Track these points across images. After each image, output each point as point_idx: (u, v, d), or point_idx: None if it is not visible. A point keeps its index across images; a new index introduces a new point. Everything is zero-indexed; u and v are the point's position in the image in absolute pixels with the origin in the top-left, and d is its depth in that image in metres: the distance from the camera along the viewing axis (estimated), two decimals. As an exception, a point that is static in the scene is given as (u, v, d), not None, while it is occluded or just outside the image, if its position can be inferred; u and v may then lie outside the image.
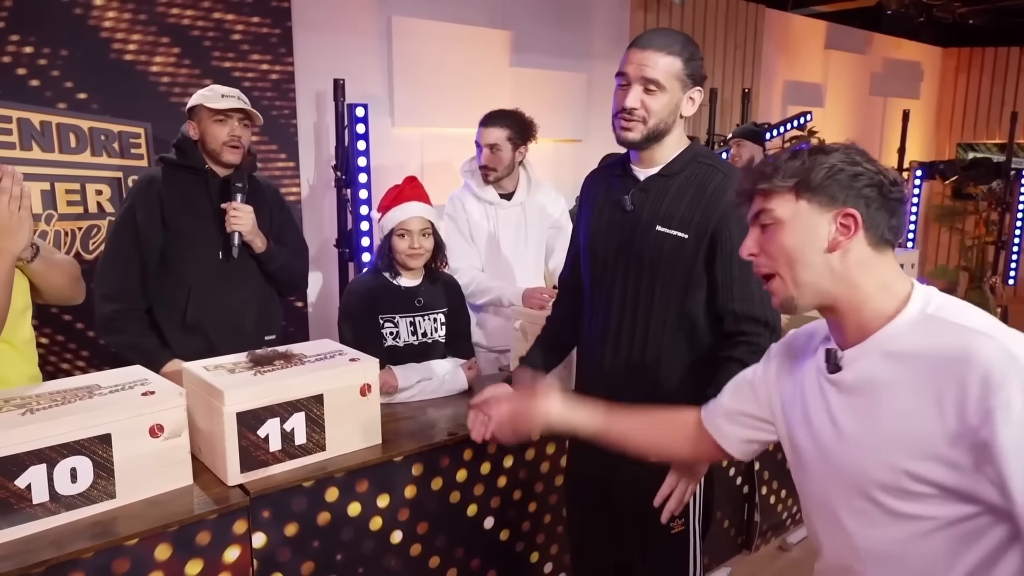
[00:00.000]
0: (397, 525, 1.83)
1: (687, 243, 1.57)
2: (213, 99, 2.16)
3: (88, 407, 1.46)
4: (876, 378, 1.02)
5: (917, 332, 1.00)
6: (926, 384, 0.96)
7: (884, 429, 1.00)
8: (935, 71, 8.14)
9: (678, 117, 1.60)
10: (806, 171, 1.05)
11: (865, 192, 1.03)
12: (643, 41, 1.57)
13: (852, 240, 1.03)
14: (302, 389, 1.69)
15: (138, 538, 1.43)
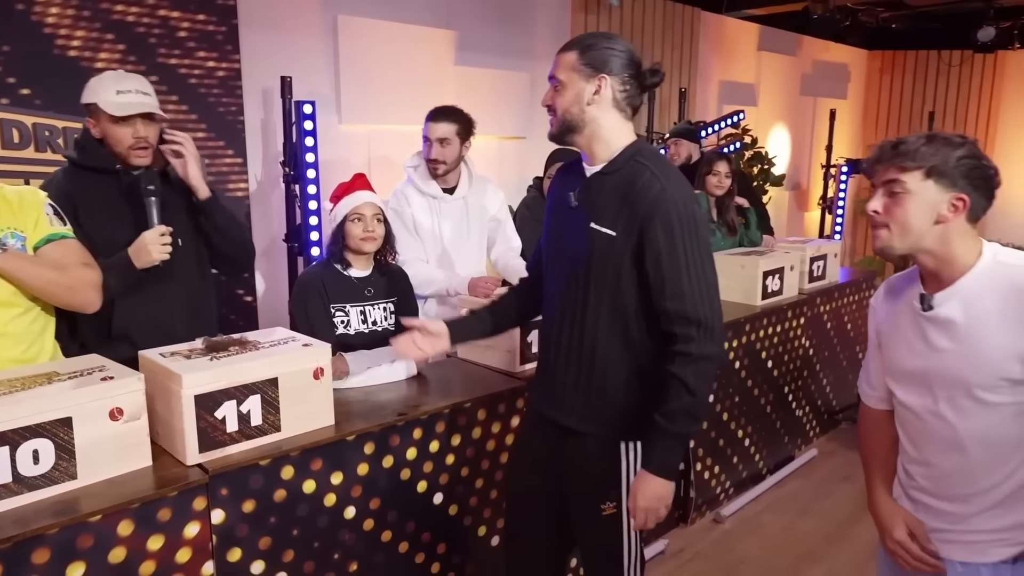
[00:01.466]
0: (350, 501, 1.93)
1: (615, 240, 1.61)
2: (108, 96, 1.99)
3: (49, 392, 1.52)
4: (968, 311, 1.36)
5: (993, 275, 1.36)
6: (1010, 309, 1.32)
7: (982, 346, 1.34)
8: (861, 72, 8.55)
9: (586, 106, 1.63)
10: (942, 158, 1.33)
11: (977, 182, 1.34)
12: (561, 48, 1.69)
13: (957, 217, 1.35)
14: (258, 372, 1.77)
15: (101, 515, 1.49)
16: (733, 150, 5.46)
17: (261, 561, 1.77)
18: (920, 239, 1.37)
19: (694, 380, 1.59)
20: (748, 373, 3.37)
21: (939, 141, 1.35)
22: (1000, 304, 1.33)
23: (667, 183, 1.60)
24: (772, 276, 3.48)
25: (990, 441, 1.38)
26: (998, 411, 1.35)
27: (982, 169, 1.34)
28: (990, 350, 1.33)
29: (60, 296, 1.81)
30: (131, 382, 1.60)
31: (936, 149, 1.33)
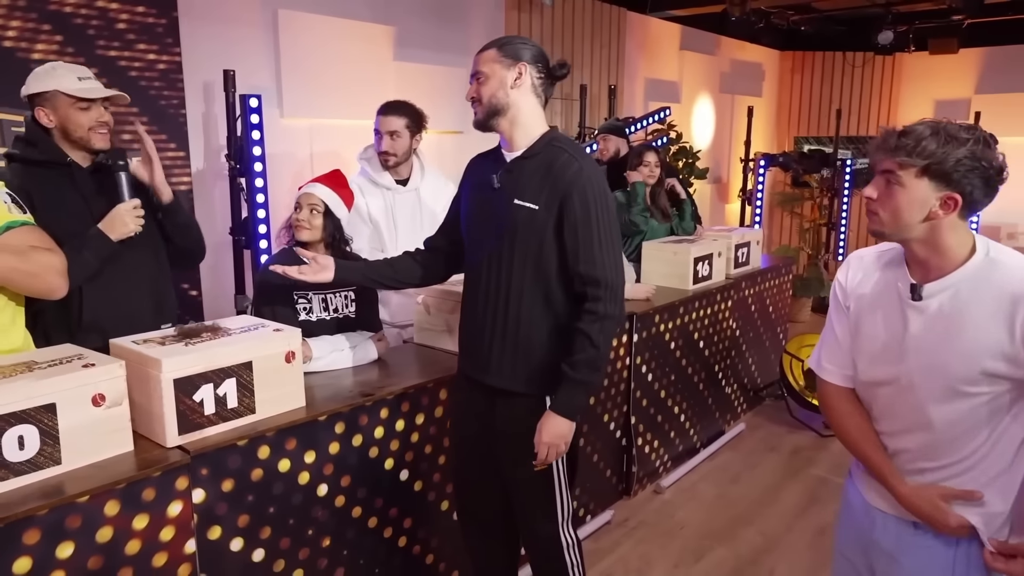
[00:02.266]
0: (323, 479, 2.01)
1: (538, 213, 1.83)
2: (71, 83, 2.03)
3: (32, 379, 1.54)
4: (956, 306, 1.38)
5: (984, 272, 1.37)
6: (999, 310, 1.33)
7: (966, 341, 1.36)
8: (774, 71, 9.03)
9: (509, 90, 1.84)
10: (939, 158, 1.31)
11: (975, 183, 1.32)
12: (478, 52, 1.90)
13: (948, 214, 1.35)
14: (233, 357, 1.84)
15: (88, 495, 1.54)
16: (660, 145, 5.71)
17: (240, 538, 1.84)
18: (909, 230, 1.38)
19: (598, 335, 1.82)
20: (682, 353, 3.59)
21: (942, 137, 1.32)
22: (988, 302, 1.34)
23: (583, 163, 1.85)
24: (702, 262, 3.72)
25: (959, 424, 1.40)
26: (972, 400, 1.38)
27: (981, 170, 1.31)
28: (974, 346, 1.35)
29: (23, 283, 1.80)
30: (113, 369, 1.64)
31: (938, 146, 1.31)
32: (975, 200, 1.35)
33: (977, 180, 1.33)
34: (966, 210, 1.36)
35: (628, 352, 3.21)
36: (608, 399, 3.14)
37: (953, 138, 1.32)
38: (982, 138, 1.33)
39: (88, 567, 1.54)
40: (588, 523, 3.08)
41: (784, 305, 4.75)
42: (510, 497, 2.03)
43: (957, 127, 1.34)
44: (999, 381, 1.36)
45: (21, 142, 2.10)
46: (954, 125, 1.34)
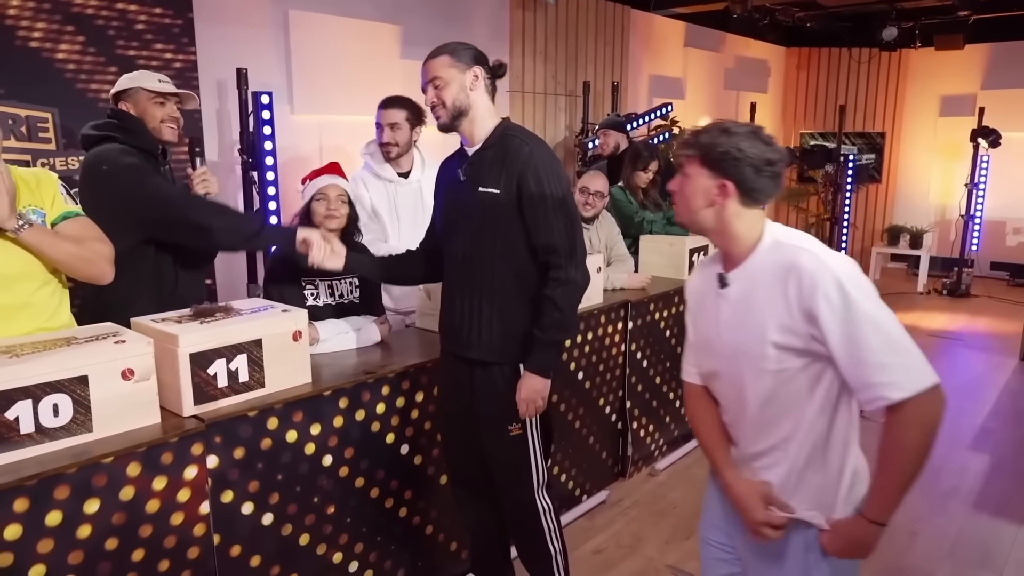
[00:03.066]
0: (328, 450, 2.16)
1: (500, 196, 2.00)
2: (150, 84, 2.32)
3: (67, 353, 1.69)
4: (749, 288, 1.48)
5: (770, 254, 1.46)
6: (777, 285, 1.41)
7: (757, 318, 1.45)
8: (779, 68, 9.11)
9: (469, 92, 1.99)
10: (708, 148, 1.45)
11: (743, 170, 1.43)
12: (425, 59, 2.04)
13: (727, 201, 1.46)
14: (244, 334, 1.98)
15: (113, 457, 1.69)
16: (661, 140, 5.83)
17: (251, 503, 1.98)
18: (698, 217, 1.50)
19: (562, 299, 2.00)
20: (677, 340, 3.71)
21: (716, 131, 1.45)
22: (770, 280, 1.43)
23: (534, 146, 2.02)
24: (698, 253, 3.84)
25: (772, 404, 1.47)
26: (777, 377, 1.44)
27: (746, 160, 1.42)
28: (762, 322, 1.43)
29: (79, 268, 1.96)
30: (141, 346, 1.79)
31: (711, 139, 1.44)
32: (751, 188, 1.45)
33: (745, 169, 1.43)
34: (747, 198, 1.46)
35: (623, 339, 3.33)
36: (603, 383, 3.27)
37: (725, 132, 1.45)
38: (753, 133, 1.45)
39: (112, 522, 1.69)
40: (583, 502, 3.22)
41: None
42: (489, 464, 2.17)
43: (735, 124, 1.48)
44: (789, 355, 1.43)
45: (120, 129, 2.30)
46: (734, 122, 1.48)
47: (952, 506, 3.25)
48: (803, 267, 1.39)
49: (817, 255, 1.40)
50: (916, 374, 1.33)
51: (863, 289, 1.36)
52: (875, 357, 1.33)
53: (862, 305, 1.34)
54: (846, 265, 1.39)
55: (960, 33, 7.53)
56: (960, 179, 8.09)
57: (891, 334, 1.34)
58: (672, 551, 2.93)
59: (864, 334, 1.34)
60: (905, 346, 1.34)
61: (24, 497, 1.55)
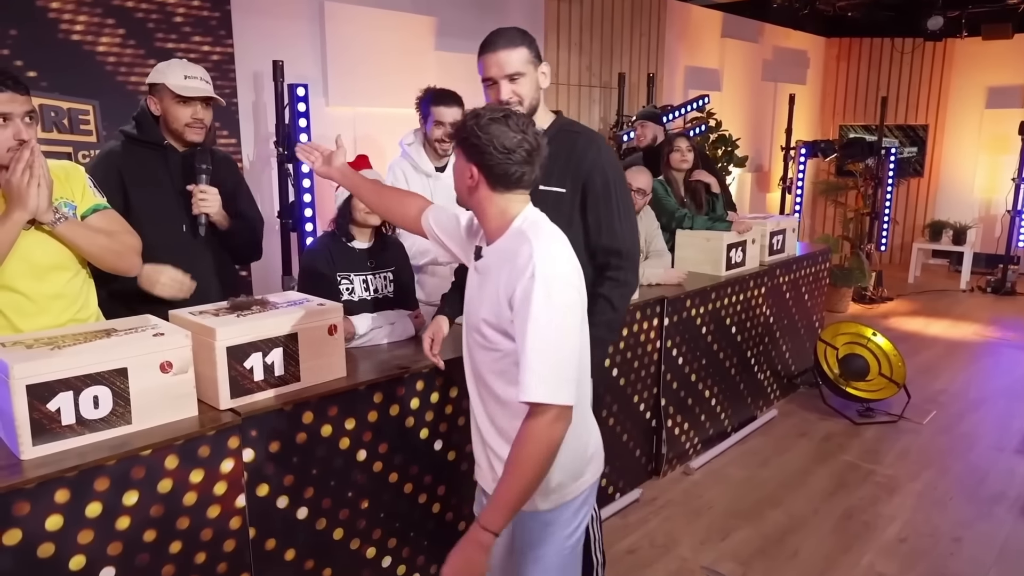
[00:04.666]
0: (362, 445, 2.15)
1: (565, 195, 1.97)
2: (176, 79, 2.23)
3: (107, 345, 1.70)
4: (487, 264, 1.58)
5: (509, 240, 1.53)
6: (502, 267, 1.50)
7: (485, 294, 1.54)
8: (819, 59, 8.91)
9: (539, 90, 1.97)
10: (459, 133, 1.52)
11: (482, 156, 1.49)
12: (491, 46, 1.95)
13: (478, 184, 1.52)
14: (280, 328, 1.98)
15: (151, 449, 1.69)
16: (698, 133, 5.73)
17: (285, 496, 1.98)
18: (465, 199, 1.59)
19: (618, 300, 2.00)
20: (714, 338, 3.65)
21: (469, 116, 1.51)
22: (502, 264, 1.51)
23: (601, 146, 2.01)
24: (735, 248, 3.76)
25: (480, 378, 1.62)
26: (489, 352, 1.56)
27: (486, 148, 1.47)
28: (484, 297, 1.55)
29: (109, 260, 1.99)
30: (180, 339, 1.79)
31: (463, 123, 1.52)
32: (496, 173, 1.49)
33: (486, 156, 1.47)
34: (496, 183, 1.51)
35: (659, 335, 3.28)
36: (638, 380, 3.22)
37: (474, 117, 1.50)
38: (504, 119, 1.48)
39: (150, 515, 1.70)
40: (617, 500, 3.18)
41: (820, 293, 4.76)
42: None
43: (485, 110, 1.51)
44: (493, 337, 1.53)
45: (133, 121, 2.32)
46: (491, 108, 1.52)
47: (998, 512, 3.15)
48: (518, 257, 1.47)
49: (536, 249, 1.46)
50: (549, 388, 1.41)
51: (554, 295, 1.43)
52: (527, 356, 1.41)
53: (538, 306, 1.41)
54: (555, 268, 1.46)
55: (1008, 22, 7.28)
56: (1007, 173, 7.85)
57: (549, 343, 1.41)
58: (707, 552, 2.88)
59: (528, 332, 1.42)
60: (554, 360, 1.42)
61: (65, 488, 1.56)
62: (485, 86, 1.98)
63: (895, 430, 4.04)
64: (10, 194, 1.77)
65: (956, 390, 4.67)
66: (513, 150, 1.48)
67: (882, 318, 6.39)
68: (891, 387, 4.20)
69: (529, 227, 1.53)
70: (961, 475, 3.50)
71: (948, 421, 4.17)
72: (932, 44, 8.27)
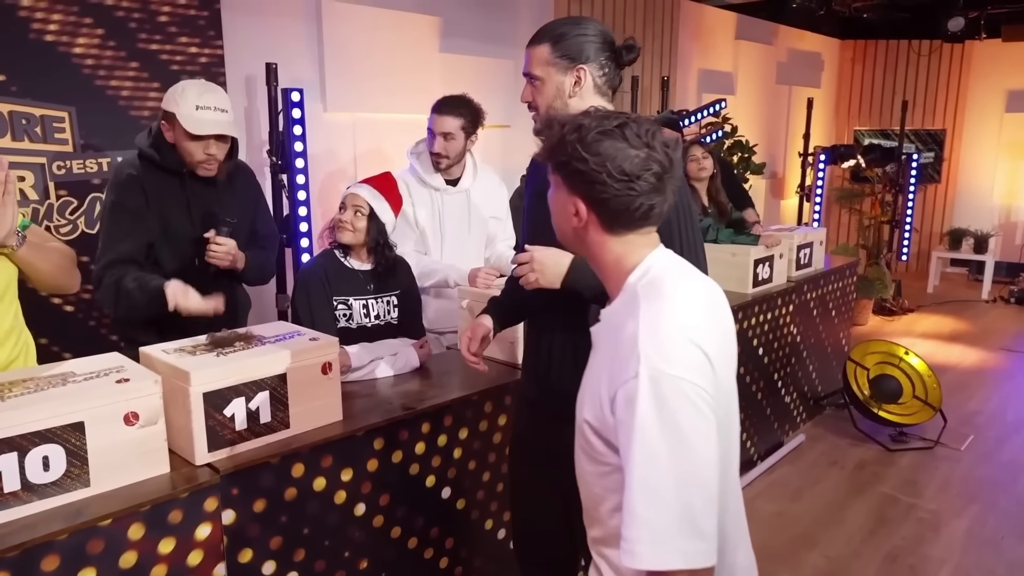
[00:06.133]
0: (360, 498, 1.89)
1: None
2: (187, 110, 2.03)
3: (61, 394, 1.45)
4: (599, 338, 1.15)
5: (622, 303, 1.11)
6: (607, 347, 1.07)
7: (589, 382, 1.12)
8: (834, 61, 8.65)
9: (568, 99, 1.61)
10: (554, 154, 1.10)
11: (591, 187, 1.07)
12: (530, 41, 1.65)
13: (587, 223, 1.10)
14: (266, 368, 1.72)
15: (111, 519, 1.44)
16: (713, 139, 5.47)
17: (272, 561, 1.73)
18: (569, 242, 1.18)
19: None
20: (741, 361, 3.37)
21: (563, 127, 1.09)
22: (612, 339, 1.08)
23: None
24: (763, 264, 3.51)
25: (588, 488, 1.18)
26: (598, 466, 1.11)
27: (590, 173, 1.05)
28: (587, 386, 1.11)
29: (60, 279, 1.80)
30: (147, 385, 1.54)
31: (553, 140, 1.09)
32: (611, 209, 1.07)
33: (594, 184, 1.05)
34: (613, 222, 1.09)
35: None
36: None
37: (575, 130, 1.07)
38: (616, 130, 1.05)
39: (111, 594, 1.45)
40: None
41: (847, 309, 4.50)
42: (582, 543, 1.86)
43: (588, 118, 1.08)
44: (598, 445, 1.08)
45: (152, 146, 2.15)
46: (587, 116, 1.09)
47: (1056, 554, 2.88)
48: (622, 337, 1.03)
49: (642, 328, 1.01)
50: (665, 548, 0.95)
51: (669, 401, 0.97)
52: (631, 497, 0.97)
53: (645, 421, 0.96)
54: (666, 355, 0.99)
55: (1031, 23, 7.04)
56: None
57: (663, 476, 0.95)
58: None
59: (633, 460, 0.97)
60: (672, 502, 0.95)
61: (5, 572, 1.31)
62: None
63: (932, 457, 3.77)
64: None
65: (992, 411, 4.40)
66: (637, 175, 1.04)
67: (905, 331, 6.12)
68: (926, 411, 3.94)
69: (645, 287, 1.07)
70: (1009, 510, 3.23)
71: (988, 447, 3.90)
72: (950, 46, 8.02)
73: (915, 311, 6.79)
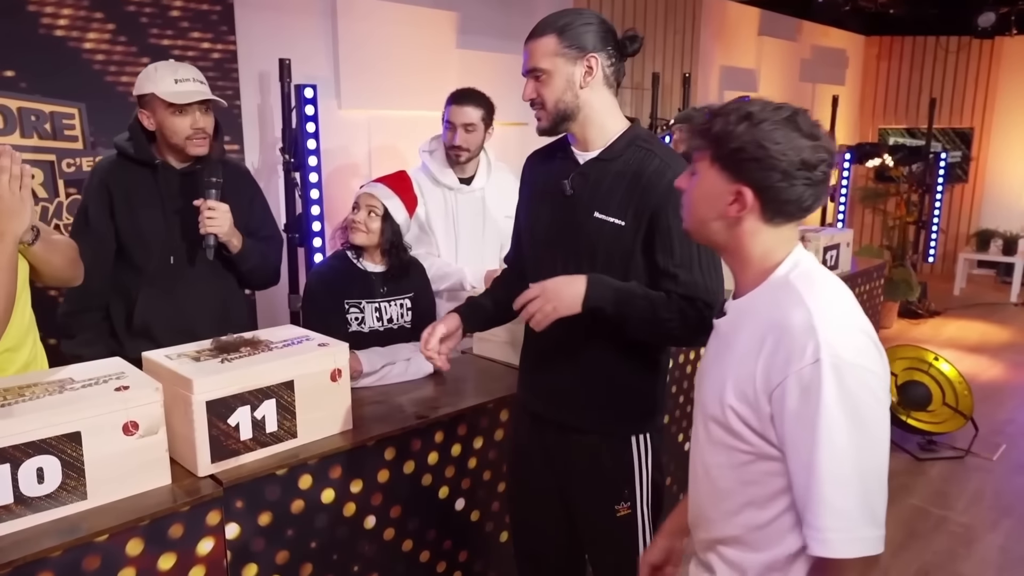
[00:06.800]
0: (371, 510, 1.82)
1: (624, 230, 1.54)
2: (166, 86, 1.94)
3: (57, 403, 1.39)
4: (734, 327, 1.15)
5: (768, 293, 1.12)
6: (755, 335, 1.08)
7: (727, 370, 1.12)
8: (858, 58, 8.48)
9: (579, 90, 1.55)
10: (724, 140, 1.08)
11: (766, 175, 1.06)
12: (529, 34, 1.57)
13: (744, 213, 1.10)
14: (272, 375, 1.65)
15: (108, 534, 1.37)
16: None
17: (278, 576, 1.66)
18: (705, 229, 1.16)
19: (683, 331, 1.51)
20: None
21: (734, 116, 1.07)
22: (756, 326, 1.09)
23: (677, 172, 1.48)
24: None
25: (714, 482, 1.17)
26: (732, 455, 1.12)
27: (772, 159, 1.05)
28: (727, 372, 1.11)
29: (68, 271, 1.75)
30: (147, 393, 1.47)
31: (726, 126, 1.08)
32: (781, 199, 1.08)
33: (771, 171, 1.06)
34: (773, 211, 1.10)
35: (706, 366, 2.93)
36: (684, 418, 2.87)
37: (746, 118, 1.07)
38: (790, 121, 1.06)
39: (107, 613, 1.38)
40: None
41: (874, 312, 4.37)
42: (587, 552, 1.79)
43: (760, 106, 1.08)
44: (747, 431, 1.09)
45: (128, 136, 2.06)
46: (762, 102, 1.09)
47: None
48: (788, 325, 1.04)
49: (816, 316, 1.03)
50: (858, 535, 0.99)
51: (852, 389, 1.00)
52: (819, 486, 1.00)
53: (831, 409, 0.99)
54: (848, 344, 1.02)
55: (1065, 18, 6.83)
56: (1061, 179, 7.39)
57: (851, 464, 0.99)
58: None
59: (820, 449, 0.99)
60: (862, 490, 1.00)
61: (-5, 591, 1.25)
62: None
63: (963, 467, 3.65)
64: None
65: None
66: (814, 165, 1.06)
67: (931, 335, 5.97)
68: (957, 419, 3.81)
69: (799, 278, 1.09)
70: (1046, 524, 3.11)
71: (1021, 457, 3.77)
72: (979, 43, 7.82)
73: (942, 314, 6.63)
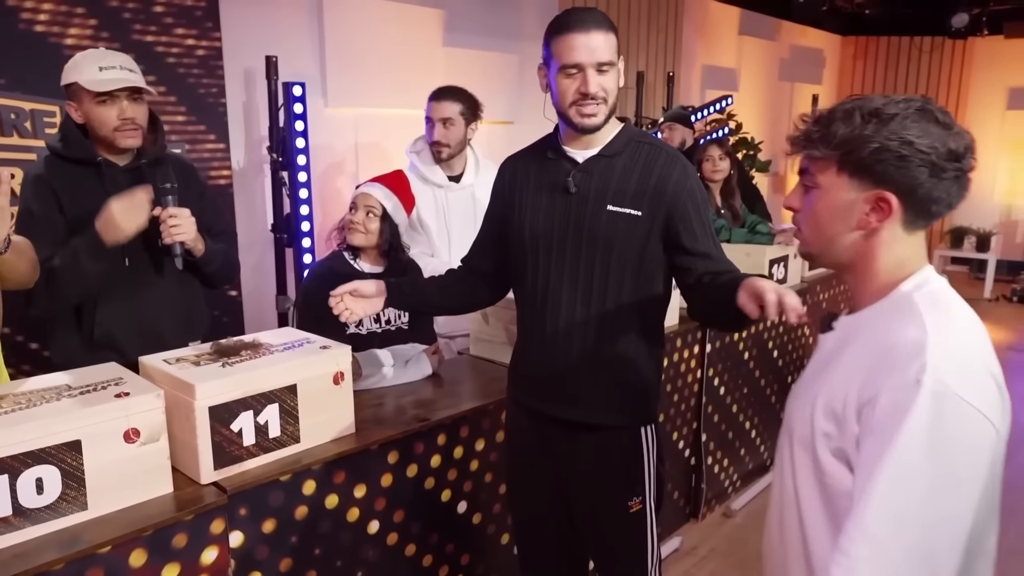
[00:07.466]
0: (374, 515, 1.79)
1: (640, 220, 1.57)
2: (90, 74, 1.79)
3: (56, 411, 1.34)
4: (842, 343, 1.04)
5: (887, 309, 1.01)
6: (863, 351, 0.99)
7: (819, 386, 1.02)
8: (835, 58, 8.59)
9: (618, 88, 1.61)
10: (853, 145, 0.98)
11: (913, 174, 0.96)
12: (582, 24, 1.51)
13: (886, 222, 1.00)
14: (275, 379, 1.61)
15: (110, 546, 1.33)
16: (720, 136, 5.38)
17: (282, 584, 1.62)
18: (837, 247, 1.05)
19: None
20: (756, 364, 3.30)
21: (857, 116, 0.98)
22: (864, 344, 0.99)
23: (687, 166, 1.63)
24: (778, 264, 3.41)
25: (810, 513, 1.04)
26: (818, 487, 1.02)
27: (920, 157, 0.95)
28: (821, 391, 1.02)
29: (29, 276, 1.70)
30: (149, 399, 1.42)
31: (852, 128, 0.98)
32: (926, 198, 0.97)
33: (919, 169, 0.95)
34: (916, 214, 0.99)
35: (700, 364, 2.93)
36: (678, 415, 2.87)
37: (874, 116, 0.97)
38: (919, 110, 0.96)
39: (111, 627, 1.34)
40: (654, 550, 2.83)
41: (858, 309, 4.41)
42: (595, 551, 1.78)
43: (884, 100, 0.98)
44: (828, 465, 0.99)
45: (59, 136, 1.92)
46: (881, 98, 0.99)
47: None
48: (898, 341, 0.93)
49: (932, 338, 0.91)
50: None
51: (948, 425, 0.87)
52: (868, 513, 0.88)
53: (913, 434, 0.86)
54: (962, 378, 0.89)
55: (1034, 20, 6.98)
56: (1032, 177, 7.55)
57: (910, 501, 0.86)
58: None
59: (882, 469, 0.87)
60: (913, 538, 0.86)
61: (-5, 606, 1.20)
62: (565, 75, 1.54)
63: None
64: None
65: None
66: (962, 155, 0.96)
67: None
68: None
69: (925, 298, 0.98)
70: (1031, 516, 3.16)
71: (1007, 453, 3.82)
72: (952, 43, 7.97)
73: (919, 310, 6.73)
